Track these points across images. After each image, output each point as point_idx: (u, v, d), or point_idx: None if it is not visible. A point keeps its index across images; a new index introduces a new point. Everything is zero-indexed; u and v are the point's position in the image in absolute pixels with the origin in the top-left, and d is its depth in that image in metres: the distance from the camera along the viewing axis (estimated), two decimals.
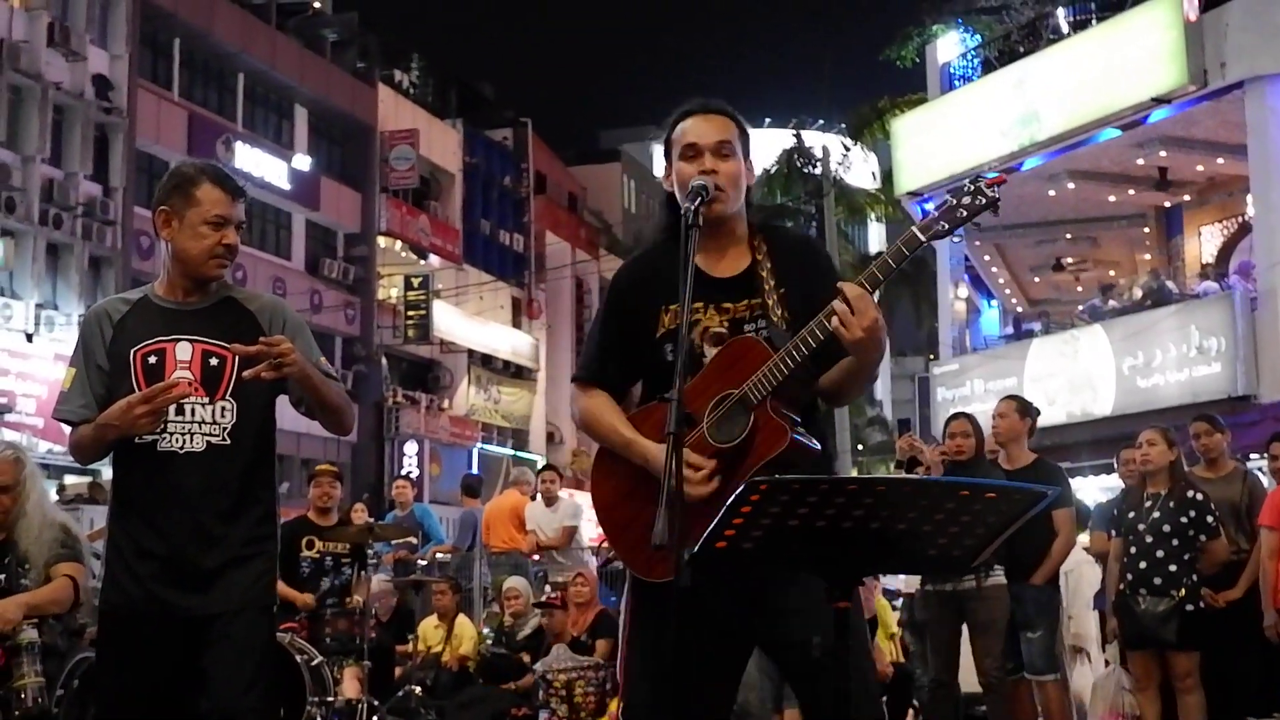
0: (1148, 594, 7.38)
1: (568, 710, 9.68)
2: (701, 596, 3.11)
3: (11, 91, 27.33)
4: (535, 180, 47.70)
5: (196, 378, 4.04)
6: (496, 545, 13.37)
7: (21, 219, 27.02)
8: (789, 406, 3.49)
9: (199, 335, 4.09)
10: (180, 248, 4.09)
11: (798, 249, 3.79)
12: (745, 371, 3.48)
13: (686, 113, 3.76)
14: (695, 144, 3.67)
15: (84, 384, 4.11)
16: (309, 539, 9.28)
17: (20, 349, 26.56)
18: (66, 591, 5.55)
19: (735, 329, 3.62)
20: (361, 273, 38.14)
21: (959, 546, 2.88)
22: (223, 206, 4.07)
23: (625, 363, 3.80)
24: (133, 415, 3.90)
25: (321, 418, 4.20)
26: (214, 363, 4.07)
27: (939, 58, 24.73)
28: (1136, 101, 19.33)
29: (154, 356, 4.06)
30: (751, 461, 3.44)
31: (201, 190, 4.06)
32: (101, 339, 4.12)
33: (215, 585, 4.01)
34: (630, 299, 3.80)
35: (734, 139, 3.70)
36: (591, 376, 3.85)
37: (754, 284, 3.66)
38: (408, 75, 43.14)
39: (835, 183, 30.01)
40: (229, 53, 34.28)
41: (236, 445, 4.07)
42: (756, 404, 3.45)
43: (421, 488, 33.95)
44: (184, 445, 4.02)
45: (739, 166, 3.69)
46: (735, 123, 3.75)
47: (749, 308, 3.64)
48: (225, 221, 4.07)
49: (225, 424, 4.06)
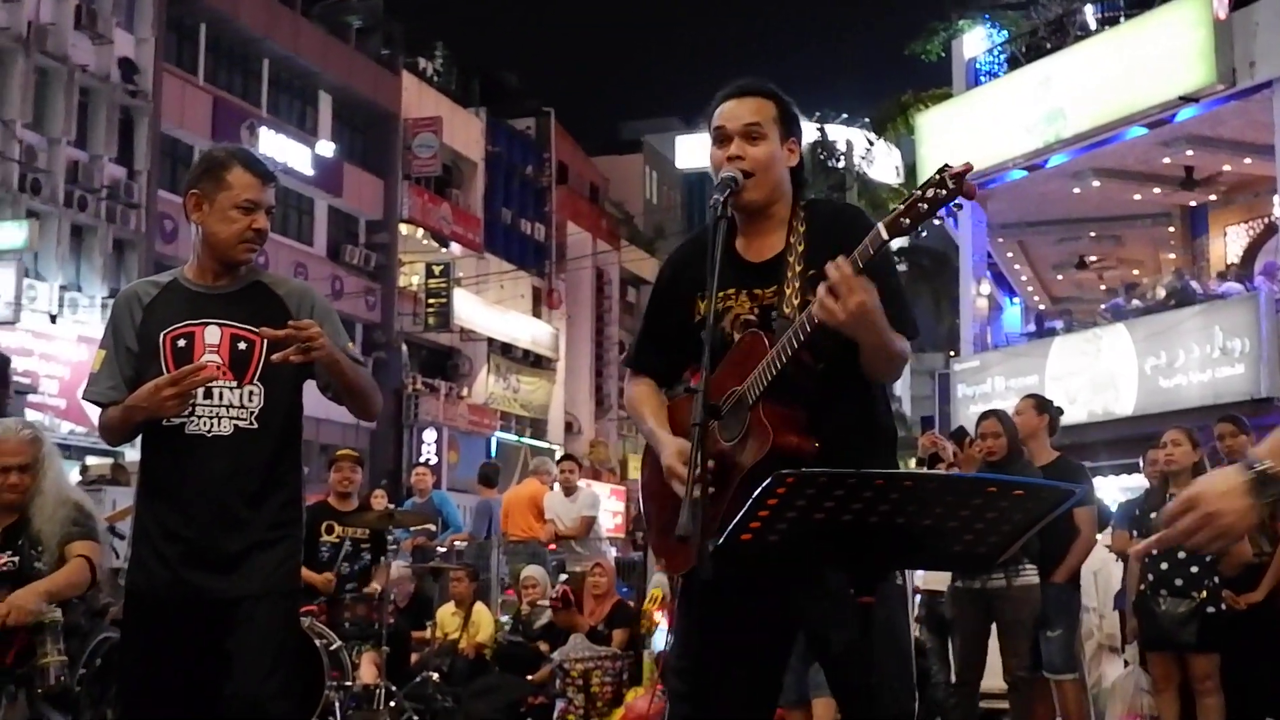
0: (1168, 595, 7.36)
1: (584, 700, 9.69)
2: (742, 586, 3.10)
3: (38, 74, 27.40)
4: (557, 170, 47.69)
5: (225, 361, 4.06)
6: (515, 534, 13.38)
7: (46, 201, 27.10)
8: (793, 402, 3.39)
9: (228, 319, 4.10)
10: (210, 231, 4.09)
11: (834, 223, 3.58)
12: (750, 368, 3.42)
13: (724, 95, 3.66)
14: (723, 128, 3.59)
15: (113, 366, 4.12)
16: (329, 524, 9.30)
17: (44, 330, 26.65)
18: (83, 573, 5.56)
19: (765, 315, 3.55)
20: (383, 260, 38.17)
21: (984, 543, 2.87)
22: (253, 191, 4.07)
23: (667, 352, 3.80)
24: (160, 397, 3.92)
25: (349, 402, 4.21)
26: (242, 347, 4.08)
27: (965, 53, 24.62)
28: (1164, 100, 19.22)
29: (183, 340, 4.08)
30: (741, 465, 3.38)
31: (233, 174, 4.07)
32: (131, 321, 4.13)
33: (240, 568, 4.02)
34: (672, 287, 3.79)
35: (767, 119, 3.59)
36: (634, 365, 3.89)
37: (783, 267, 3.57)
38: (432, 63, 43.13)
39: (858, 177, 30.00)
40: (254, 38, 34.32)
41: (264, 430, 4.08)
42: (751, 405, 3.40)
43: (440, 475, 34.00)
44: (211, 429, 4.03)
45: (771, 149, 3.58)
46: (775, 101, 3.64)
47: (777, 294, 3.56)
48: (255, 206, 4.08)
49: (253, 408, 4.07)
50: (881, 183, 32.92)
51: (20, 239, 25.54)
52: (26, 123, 26.99)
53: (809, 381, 3.42)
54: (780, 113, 3.63)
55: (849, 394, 3.50)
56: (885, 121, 30.95)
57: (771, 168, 3.59)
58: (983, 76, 23.92)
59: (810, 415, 3.41)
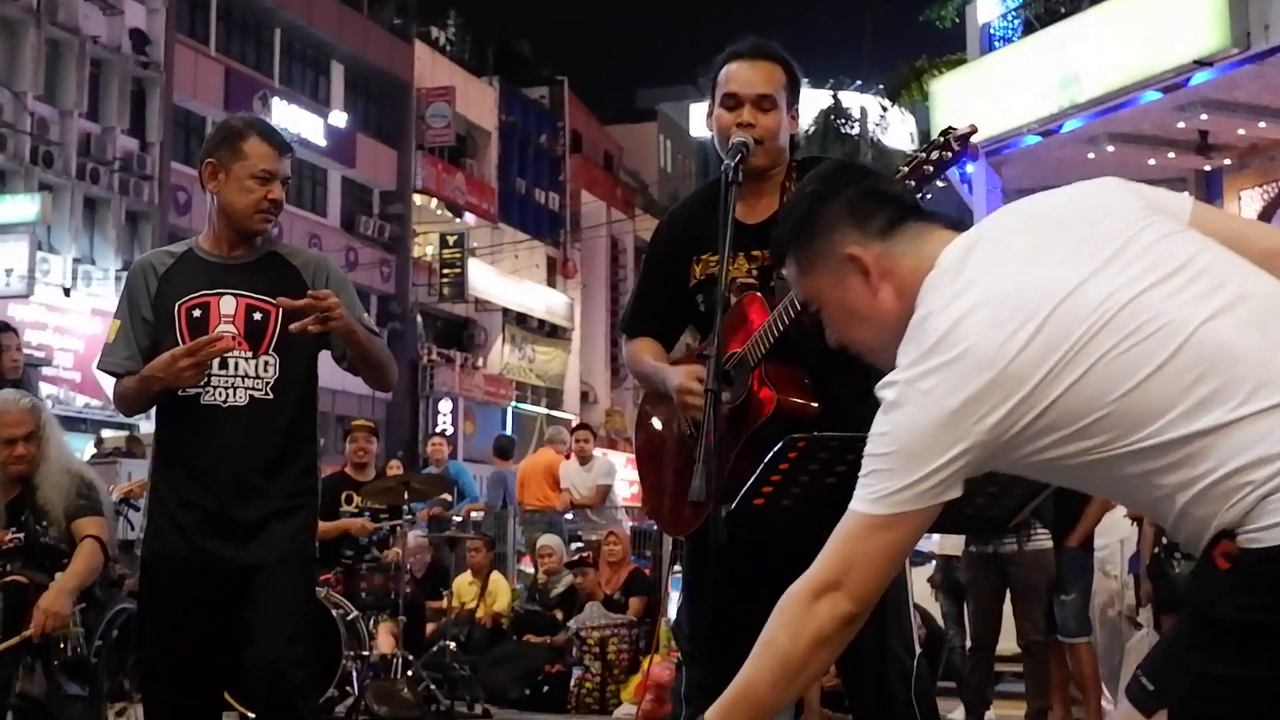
0: (1182, 558, 7.34)
1: (601, 667, 9.73)
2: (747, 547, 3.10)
3: (49, 45, 27.40)
4: (571, 139, 47.62)
5: (240, 332, 4.06)
6: (531, 503, 13.41)
7: (59, 173, 27.14)
8: (796, 364, 3.41)
9: (243, 290, 4.10)
10: (226, 201, 4.09)
11: None
12: (750, 330, 3.43)
13: (735, 54, 3.64)
14: (737, 94, 3.57)
15: (128, 336, 4.13)
16: (348, 493, 9.34)
17: (58, 303, 26.73)
18: (97, 556, 5.56)
19: (765, 277, 3.55)
20: (397, 230, 38.19)
21: (997, 506, 2.88)
22: (269, 161, 4.06)
23: (663, 315, 3.80)
24: (177, 368, 3.92)
25: (364, 373, 4.21)
26: (258, 317, 4.08)
27: (979, 18, 24.46)
28: (1178, 64, 19.07)
29: (198, 310, 4.08)
30: (746, 425, 3.39)
31: (249, 144, 4.06)
32: (146, 291, 4.14)
33: (257, 537, 4.04)
34: (666, 251, 3.80)
35: (778, 90, 3.59)
36: (630, 330, 3.89)
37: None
38: (444, 32, 43.04)
39: (873, 144, 29.87)
40: (266, 8, 34.28)
41: (279, 400, 4.09)
42: (752, 367, 3.41)
43: (456, 446, 34.05)
44: (227, 399, 4.04)
45: (779, 119, 3.59)
46: (785, 68, 3.63)
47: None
48: (271, 176, 4.07)
49: (268, 378, 4.07)
50: (896, 150, 32.72)
51: (33, 212, 25.57)
52: (38, 95, 27.02)
53: (810, 343, 3.37)
54: (788, 80, 3.63)
55: (848, 355, 3.50)
56: (899, 88, 30.77)
57: (778, 135, 3.60)
58: (997, 42, 23.77)
59: (811, 376, 3.43)
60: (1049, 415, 2.00)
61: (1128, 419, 1.97)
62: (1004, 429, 2.01)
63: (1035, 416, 2.00)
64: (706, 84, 3.72)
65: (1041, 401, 1.99)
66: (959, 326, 2.02)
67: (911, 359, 2.07)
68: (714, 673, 3.51)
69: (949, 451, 2.05)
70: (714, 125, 3.64)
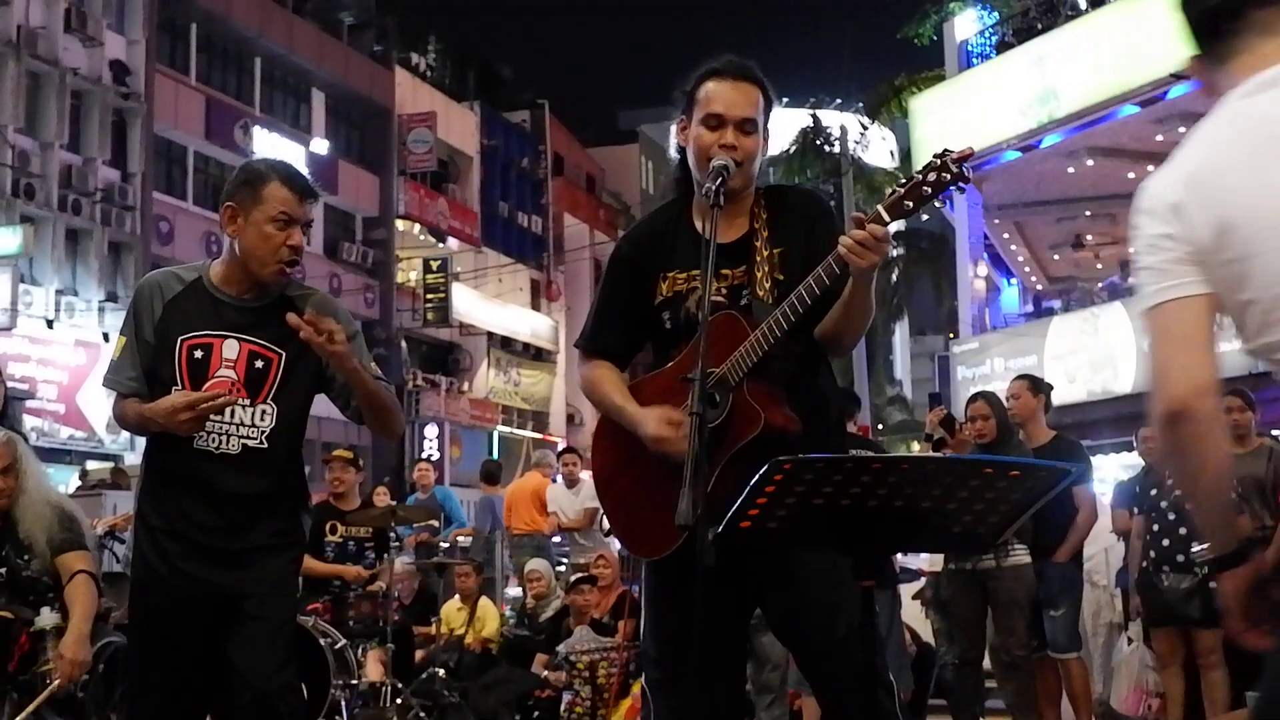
0: (1171, 571, 7.36)
1: (591, 692, 9.69)
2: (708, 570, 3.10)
3: (30, 78, 27.37)
4: (553, 162, 47.69)
5: (240, 378, 4.03)
6: (518, 527, 13.38)
7: (41, 205, 27.09)
8: (773, 382, 3.45)
9: (248, 335, 4.05)
10: (246, 247, 4.03)
11: (798, 205, 3.69)
12: (727, 349, 3.42)
13: (716, 71, 3.62)
14: (721, 116, 3.56)
15: (134, 355, 4.08)
16: (332, 523, 9.30)
17: (41, 335, 26.64)
18: (94, 591, 5.50)
19: (734, 295, 3.56)
20: (380, 256, 38.18)
21: (983, 524, 2.88)
22: (290, 205, 4.00)
23: (625, 332, 3.78)
24: (176, 419, 3.90)
25: (371, 419, 4.16)
26: (259, 365, 4.05)
27: (957, 35, 24.63)
28: (1155, 78, 19.21)
29: (200, 351, 4.04)
30: (728, 444, 3.39)
31: (269, 188, 4.00)
32: (151, 313, 4.08)
33: (245, 567, 4.03)
34: (629, 267, 3.76)
35: (759, 114, 3.60)
36: (590, 346, 3.84)
37: (749, 250, 3.59)
38: (425, 58, 43.11)
39: (853, 162, 29.90)
40: (246, 36, 34.30)
41: (272, 448, 4.06)
42: (734, 386, 3.41)
43: (442, 470, 34.02)
44: (220, 446, 4.02)
45: (758, 142, 3.60)
46: (763, 91, 3.63)
47: (745, 274, 3.57)
48: (292, 220, 4.01)
49: (264, 427, 4.05)
50: (877, 167, 32.84)
51: (15, 244, 25.52)
52: (19, 127, 26.98)
53: (787, 362, 3.48)
54: (765, 103, 3.63)
55: (812, 372, 3.61)
56: (879, 106, 30.89)
57: (756, 158, 3.61)
58: (975, 59, 23.93)
59: (787, 393, 3.48)
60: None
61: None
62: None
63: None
64: (680, 96, 3.69)
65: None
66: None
67: None
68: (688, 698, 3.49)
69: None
70: (690, 141, 3.63)
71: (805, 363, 3.57)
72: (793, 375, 3.51)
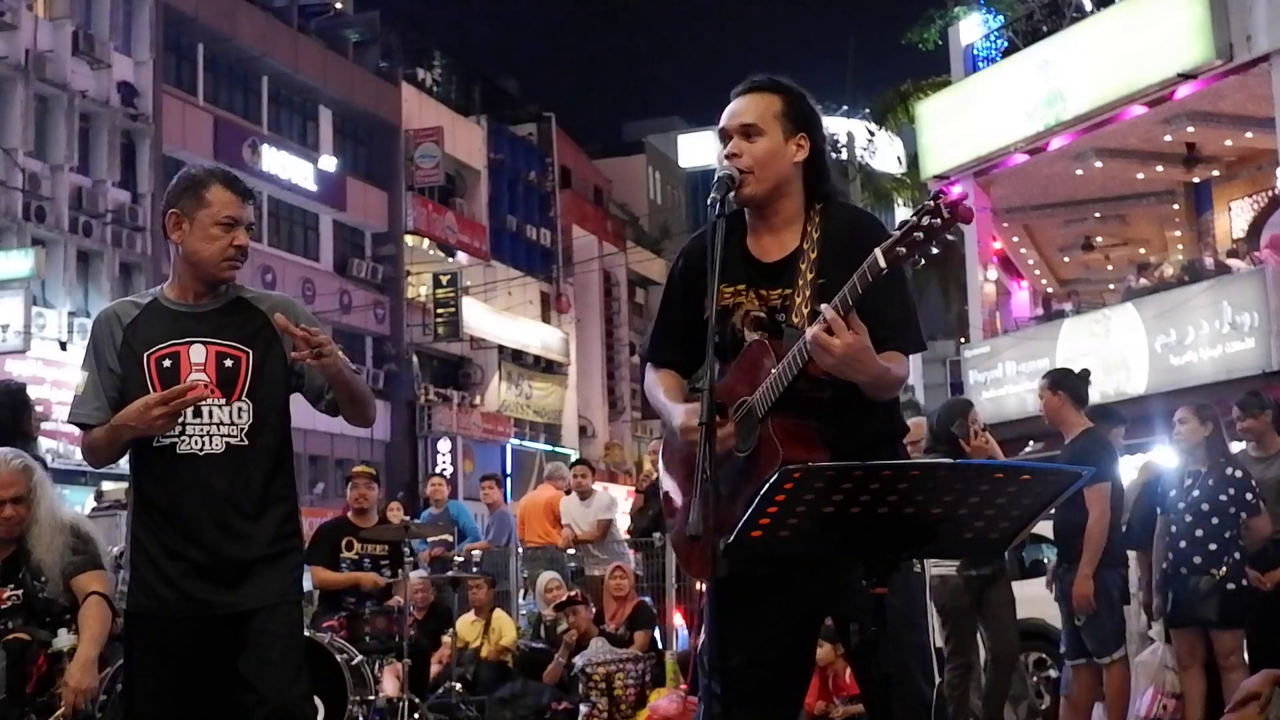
0: (1189, 572, 7.34)
1: (608, 703, 9.69)
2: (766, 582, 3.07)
3: (38, 101, 27.50)
4: (560, 174, 47.77)
5: (212, 379, 4.06)
6: (532, 540, 13.38)
7: (51, 228, 27.19)
8: (803, 413, 3.34)
9: (212, 337, 4.10)
10: (191, 250, 4.09)
11: (849, 230, 3.51)
12: (758, 378, 3.38)
13: (733, 94, 3.62)
14: (723, 129, 3.57)
15: (96, 387, 4.11)
16: (348, 539, 9.31)
17: (54, 357, 26.68)
18: (107, 613, 5.47)
19: (772, 316, 3.52)
20: (390, 272, 38.25)
21: (995, 529, 2.87)
22: (233, 208, 4.08)
23: (683, 343, 3.73)
24: (150, 416, 3.91)
25: (347, 410, 4.20)
26: (229, 364, 4.09)
27: (962, 39, 24.58)
28: (1162, 78, 19.17)
29: (168, 360, 4.08)
30: (754, 480, 3.27)
31: (211, 192, 4.07)
32: (112, 341, 4.12)
33: (248, 581, 4.04)
34: (684, 280, 3.73)
35: (768, 116, 3.53)
36: (653, 358, 3.86)
37: (794, 272, 3.52)
38: (431, 73, 43.22)
39: (861, 168, 29.93)
40: (252, 56, 34.41)
41: (256, 445, 4.09)
42: (760, 419, 3.36)
43: (455, 485, 34.02)
44: (204, 447, 4.04)
45: (769, 146, 3.52)
46: (781, 96, 3.58)
47: (782, 297, 3.51)
48: (235, 223, 4.08)
49: (243, 424, 4.08)
50: (885, 173, 32.84)
51: (27, 267, 25.60)
52: (29, 150, 27.09)
53: (819, 393, 3.35)
54: (786, 107, 3.57)
55: (855, 402, 3.40)
56: (885, 111, 30.89)
57: (771, 164, 3.53)
58: (981, 62, 23.88)
59: (820, 426, 3.36)
60: None
61: None
62: None
63: None
64: (695, 115, 3.74)
65: None
66: None
67: None
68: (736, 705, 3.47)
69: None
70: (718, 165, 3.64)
71: (848, 394, 3.36)
72: (832, 407, 3.37)
